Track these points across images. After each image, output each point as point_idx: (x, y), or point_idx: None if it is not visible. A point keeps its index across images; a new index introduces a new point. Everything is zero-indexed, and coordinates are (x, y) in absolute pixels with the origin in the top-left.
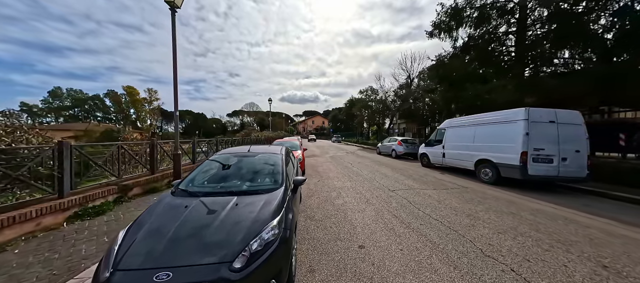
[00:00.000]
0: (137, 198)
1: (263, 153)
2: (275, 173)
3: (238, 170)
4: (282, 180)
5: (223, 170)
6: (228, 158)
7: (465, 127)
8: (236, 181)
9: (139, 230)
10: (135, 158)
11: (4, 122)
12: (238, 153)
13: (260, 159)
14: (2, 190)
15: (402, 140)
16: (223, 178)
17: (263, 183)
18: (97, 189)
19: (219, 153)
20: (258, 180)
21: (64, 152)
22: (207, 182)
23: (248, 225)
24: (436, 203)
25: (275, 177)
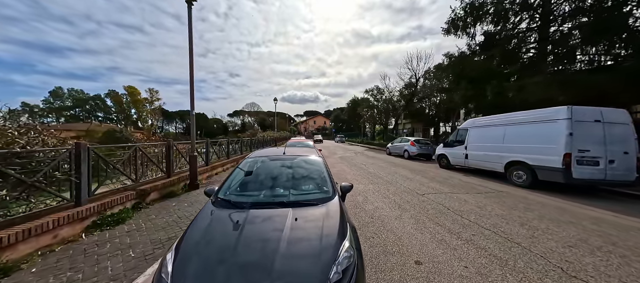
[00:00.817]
0: (156, 204)
1: (301, 156)
2: (321, 179)
3: (278, 175)
4: (333, 188)
5: (261, 176)
6: (264, 163)
7: (492, 126)
8: (279, 189)
9: (193, 254)
10: (153, 161)
11: (16, 122)
12: (273, 157)
13: (299, 163)
14: (16, 199)
15: (414, 140)
16: (264, 185)
17: (312, 192)
18: (115, 195)
19: (252, 157)
20: (304, 187)
21: (81, 155)
22: (249, 190)
23: (319, 248)
24: (477, 209)
25: (322, 184)
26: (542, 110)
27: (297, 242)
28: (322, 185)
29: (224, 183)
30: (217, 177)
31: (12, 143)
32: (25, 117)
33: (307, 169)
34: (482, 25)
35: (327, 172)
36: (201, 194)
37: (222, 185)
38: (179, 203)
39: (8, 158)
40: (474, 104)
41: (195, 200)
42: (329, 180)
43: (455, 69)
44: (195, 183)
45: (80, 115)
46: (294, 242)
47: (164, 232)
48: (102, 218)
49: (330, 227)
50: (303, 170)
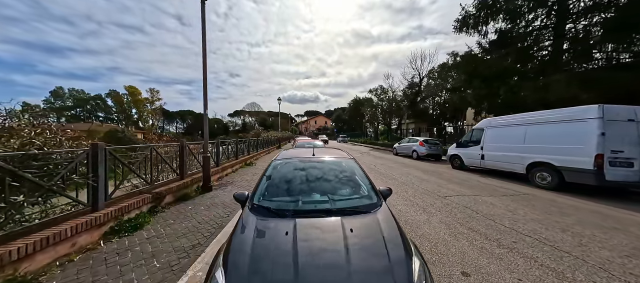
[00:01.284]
0: (171, 208)
1: (332, 158)
2: (360, 183)
3: (313, 179)
4: (376, 193)
5: (295, 180)
6: (295, 165)
7: (511, 126)
8: (318, 194)
9: (249, 272)
10: (167, 163)
11: (31, 121)
12: (303, 158)
13: (332, 165)
14: (32, 204)
15: (423, 140)
16: (301, 190)
17: (353, 197)
18: (131, 199)
19: (281, 159)
20: (343, 191)
21: (98, 156)
22: (285, 195)
23: (388, 266)
24: (508, 213)
25: (363, 188)
26: (569, 109)
27: (363, 258)
28: (363, 189)
29: (257, 188)
30: (228, 178)
31: (28, 144)
32: (27, 116)
33: (342, 172)
34: (495, 23)
35: (365, 175)
36: (216, 196)
37: (255, 189)
38: (195, 206)
39: (25, 160)
40: (487, 103)
41: (211, 203)
42: (370, 185)
43: (467, 68)
44: (209, 185)
45: (81, 115)
46: (359, 258)
47: (186, 239)
48: (120, 223)
49: (392, 241)
50: (339, 173)
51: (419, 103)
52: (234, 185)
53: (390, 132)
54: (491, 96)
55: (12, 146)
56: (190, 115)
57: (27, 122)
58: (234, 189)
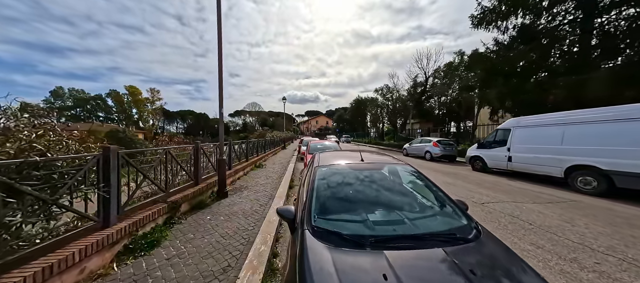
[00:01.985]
0: (188, 218)
1: (387, 164)
2: (433, 196)
3: (374, 190)
4: (464, 213)
5: (353, 193)
6: (346, 174)
7: (545, 126)
8: (386, 211)
9: None
10: (182, 167)
11: (32, 121)
12: (353, 165)
13: (389, 173)
14: (33, 223)
15: (437, 141)
16: (365, 205)
17: (433, 214)
18: (146, 210)
19: (325, 164)
20: (416, 207)
21: (110, 162)
22: (349, 213)
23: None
24: (566, 224)
25: (439, 204)
26: (619, 107)
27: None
28: (441, 205)
29: (310, 203)
30: (241, 181)
31: (29, 148)
32: (26, 115)
33: (407, 182)
34: (516, 18)
35: (436, 187)
36: (234, 204)
37: (307, 205)
38: (214, 216)
39: (24, 170)
40: (511, 101)
41: (230, 212)
42: (448, 199)
43: (485, 65)
44: (224, 191)
45: (81, 115)
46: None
47: (213, 259)
48: (134, 240)
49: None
50: (402, 183)
51: (424, 102)
52: (249, 189)
53: (397, 132)
54: (516, 94)
55: (7, 152)
56: (190, 115)
57: (26, 122)
58: (250, 194)
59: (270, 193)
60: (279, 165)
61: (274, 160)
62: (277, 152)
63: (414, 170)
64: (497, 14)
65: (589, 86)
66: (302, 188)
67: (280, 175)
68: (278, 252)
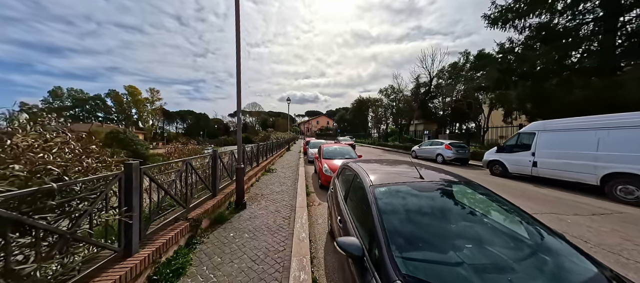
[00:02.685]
0: (210, 236)
1: (456, 183)
2: (532, 228)
3: (455, 220)
4: (585, 256)
5: (426, 219)
6: (412, 194)
7: (577, 130)
8: (476, 248)
9: None
10: (201, 178)
11: (42, 133)
12: (414, 185)
13: (460, 195)
14: (46, 264)
15: (449, 143)
16: (451, 241)
17: (543, 258)
18: (168, 231)
19: (381, 183)
20: (515, 245)
21: (133, 182)
22: (438, 253)
23: None
24: (626, 242)
25: (538, 238)
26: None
27: None
28: (541, 238)
29: (383, 239)
30: (255, 189)
31: (43, 170)
32: (31, 124)
33: (488, 207)
34: (536, 17)
35: (528, 214)
36: (255, 216)
37: (383, 242)
38: (237, 233)
39: (38, 200)
40: (532, 103)
41: (253, 226)
42: (549, 231)
43: (501, 65)
44: (243, 201)
45: (80, 116)
46: None
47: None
48: (158, 270)
49: None
50: (484, 209)
51: (429, 103)
52: (266, 198)
53: (402, 133)
54: (538, 96)
55: (15, 177)
56: (190, 115)
57: (37, 136)
58: (269, 205)
59: (289, 204)
60: (289, 169)
61: (282, 163)
62: (283, 154)
63: (489, 191)
64: (515, 13)
65: (627, 88)
66: (341, 206)
67: (293, 180)
68: (316, 277)
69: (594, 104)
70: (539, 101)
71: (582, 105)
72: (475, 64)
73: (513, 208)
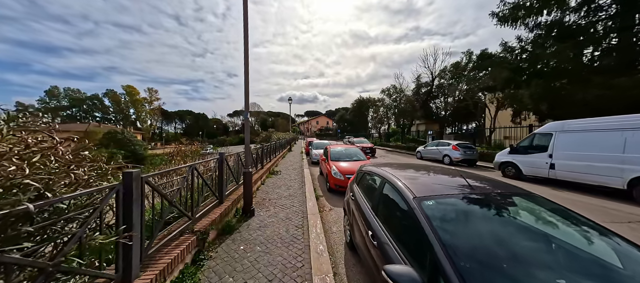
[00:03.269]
0: (218, 248)
1: (515, 195)
2: (622, 251)
3: (528, 243)
4: None
5: (495, 242)
6: (470, 213)
7: (601, 131)
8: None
9: None
10: (207, 184)
11: (23, 137)
12: (467, 196)
13: (525, 209)
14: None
15: (457, 144)
16: (531, 272)
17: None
18: (173, 248)
19: (432, 197)
20: (606, 275)
21: (133, 194)
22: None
23: None
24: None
25: (632, 263)
26: None
27: None
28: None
29: (450, 269)
30: (261, 193)
31: (19, 185)
32: (13, 124)
33: (562, 225)
34: (549, 14)
35: (610, 230)
36: (264, 225)
37: (453, 274)
38: (247, 245)
39: (10, 226)
40: (548, 103)
41: (265, 238)
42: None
43: (512, 64)
44: (251, 208)
45: (77, 116)
46: None
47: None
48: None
49: None
50: (559, 228)
51: (430, 103)
52: (274, 204)
53: (404, 134)
54: (552, 94)
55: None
56: (189, 116)
57: (16, 141)
58: (278, 211)
59: (300, 210)
60: (293, 170)
61: (286, 165)
62: (285, 155)
63: (559, 206)
64: (527, 10)
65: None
66: (370, 218)
67: (300, 183)
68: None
69: (614, 104)
70: (553, 100)
71: (602, 104)
72: (478, 64)
73: (599, 228)
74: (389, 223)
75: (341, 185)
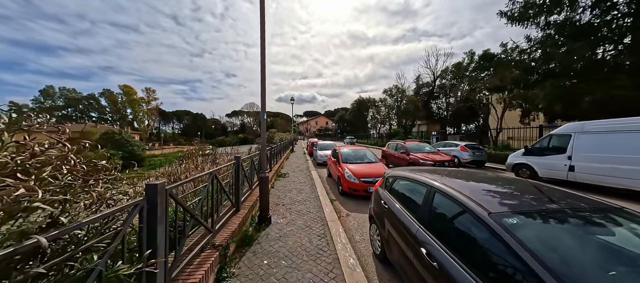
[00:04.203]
0: (239, 263)
1: (613, 212)
2: None
3: None
4: None
5: (607, 275)
6: (562, 233)
7: (625, 132)
8: None
9: None
10: (226, 192)
11: (29, 148)
12: (554, 213)
13: (625, 229)
14: None
15: (465, 145)
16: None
17: None
18: (196, 267)
19: (511, 213)
20: None
21: (158, 211)
22: None
23: None
24: None
25: None
26: None
27: None
28: None
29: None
30: (273, 198)
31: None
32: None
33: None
34: (561, 13)
35: None
36: (284, 234)
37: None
38: (271, 259)
39: (15, 266)
40: (560, 104)
41: (289, 250)
42: None
43: (522, 64)
44: (268, 215)
45: (72, 116)
46: None
47: None
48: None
49: None
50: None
51: (432, 103)
52: (290, 210)
53: (407, 134)
54: (570, 94)
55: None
56: (187, 116)
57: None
58: (296, 218)
59: (318, 216)
60: (300, 172)
61: (291, 167)
62: (288, 156)
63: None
64: (539, 8)
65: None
66: (421, 237)
67: (310, 186)
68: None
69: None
70: (568, 101)
71: (625, 105)
72: (481, 64)
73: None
74: (450, 241)
75: (355, 189)
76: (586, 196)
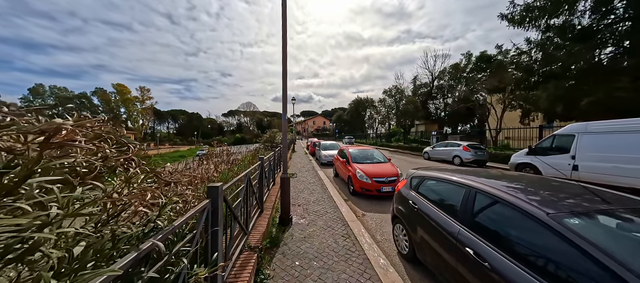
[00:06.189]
0: (272, 264)
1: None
2: None
3: None
4: None
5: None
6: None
7: (629, 133)
8: None
9: None
10: (255, 194)
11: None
12: (621, 216)
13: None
14: None
15: (467, 145)
16: None
17: None
18: (240, 271)
19: (572, 213)
20: None
21: (218, 215)
22: None
23: None
24: None
25: None
26: None
27: None
28: None
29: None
30: None
31: (133, 215)
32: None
33: None
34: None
35: None
36: (308, 235)
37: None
38: (302, 260)
39: (135, 270)
40: (562, 105)
41: (317, 251)
42: None
43: (525, 66)
44: (289, 216)
45: (63, 115)
46: None
47: None
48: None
49: None
50: None
51: (430, 103)
52: (307, 211)
53: (406, 134)
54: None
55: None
56: (182, 115)
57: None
58: (315, 219)
59: (336, 216)
60: (307, 172)
61: (297, 167)
62: (291, 156)
63: None
64: (540, 11)
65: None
66: (466, 239)
67: (321, 186)
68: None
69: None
70: (570, 102)
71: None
72: (478, 65)
73: None
74: (501, 241)
75: (368, 189)
76: (632, 196)
